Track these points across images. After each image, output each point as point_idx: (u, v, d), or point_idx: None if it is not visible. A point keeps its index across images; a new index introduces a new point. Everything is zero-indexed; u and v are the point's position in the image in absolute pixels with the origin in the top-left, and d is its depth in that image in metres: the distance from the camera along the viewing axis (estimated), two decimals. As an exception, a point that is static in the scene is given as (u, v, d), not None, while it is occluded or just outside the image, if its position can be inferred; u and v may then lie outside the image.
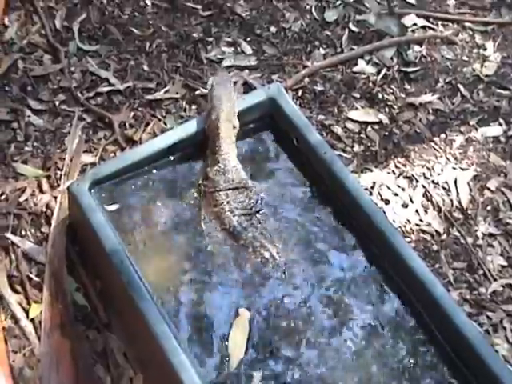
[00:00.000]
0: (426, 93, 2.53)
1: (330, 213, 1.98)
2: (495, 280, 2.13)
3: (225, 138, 1.99)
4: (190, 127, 2.05)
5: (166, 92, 2.41)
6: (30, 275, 1.98)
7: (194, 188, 1.99)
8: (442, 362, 1.80)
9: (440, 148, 2.40)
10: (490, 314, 2.06)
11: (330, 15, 2.67)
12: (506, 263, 2.17)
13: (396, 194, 2.27)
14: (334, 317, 1.83)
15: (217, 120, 2.00)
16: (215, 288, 1.84)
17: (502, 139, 2.46)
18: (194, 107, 2.39)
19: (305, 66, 2.52)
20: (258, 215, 1.95)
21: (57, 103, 2.32)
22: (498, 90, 2.57)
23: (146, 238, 1.88)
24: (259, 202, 1.97)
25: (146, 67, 2.46)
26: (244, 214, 1.94)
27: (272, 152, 2.10)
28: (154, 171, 2.00)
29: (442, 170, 2.35)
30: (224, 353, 1.73)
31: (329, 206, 1.99)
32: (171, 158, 2.03)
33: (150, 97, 2.38)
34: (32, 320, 1.90)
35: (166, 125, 2.33)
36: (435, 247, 2.17)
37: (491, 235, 2.23)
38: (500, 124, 2.49)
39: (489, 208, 2.29)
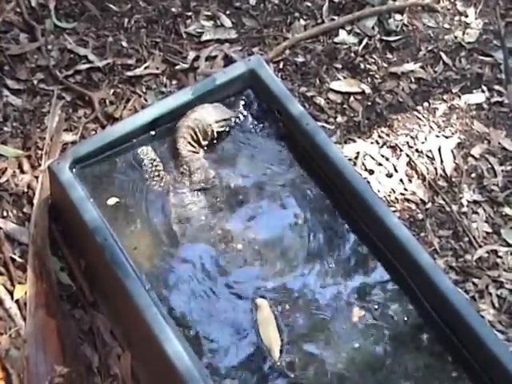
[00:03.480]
0: (408, 61, 2.51)
1: (313, 185, 1.97)
2: (480, 247, 2.13)
3: (183, 149, 1.98)
4: (170, 102, 2.03)
5: (145, 68, 2.38)
6: (14, 256, 1.96)
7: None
8: (428, 329, 1.80)
9: (423, 116, 2.39)
10: (475, 280, 2.06)
11: (310, -15, 2.65)
12: (490, 230, 2.17)
13: (380, 164, 2.26)
14: (322, 287, 1.84)
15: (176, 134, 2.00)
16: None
17: (485, 106, 2.45)
18: (174, 82, 2.37)
19: (285, 38, 2.50)
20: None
21: (35, 82, 2.29)
22: (481, 57, 2.56)
23: (129, 216, 1.87)
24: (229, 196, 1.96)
25: (124, 43, 2.43)
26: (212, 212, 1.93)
27: (254, 125, 2.08)
28: (136, 148, 1.98)
29: (425, 139, 2.34)
30: (259, 346, 1.72)
31: (312, 178, 1.98)
32: (152, 133, 2.01)
33: (129, 73, 2.36)
34: (17, 301, 1.89)
35: (146, 101, 2.30)
36: (420, 216, 2.17)
37: (476, 202, 2.22)
38: (483, 91, 2.48)
39: (473, 175, 2.29)
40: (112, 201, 1.90)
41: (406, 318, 1.81)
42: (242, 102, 2.10)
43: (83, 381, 1.79)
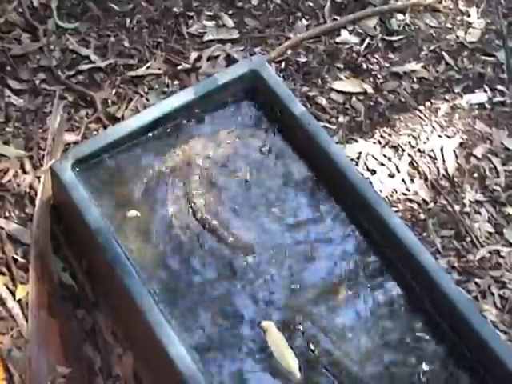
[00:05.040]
0: (410, 61, 2.51)
1: (315, 184, 1.97)
2: (483, 247, 2.13)
3: None
4: (172, 102, 2.03)
5: (147, 68, 2.38)
6: (16, 256, 1.96)
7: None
8: (430, 329, 1.79)
9: (425, 116, 2.39)
10: (478, 280, 2.06)
11: (312, -15, 2.64)
12: (493, 230, 2.17)
13: (382, 164, 2.26)
14: (321, 288, 1.84)
15: None
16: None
17: (488, 106, 2.45)
18: (176, 82, 2.37)
19: (287, 38, 2.49)
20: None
21: (37, 82, 2.29)
22: (483, 57, 2.56)
23: (131, 215, 1.87)
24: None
25: (126, 43, 2.42)
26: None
27: (256, 125, 2.08)
28: (138, 148, 1.98)
29: (427, 139, 2.34)
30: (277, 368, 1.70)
31: (314, 178, 1.98)
32: (155, 133, 2.01)
33: (131, 73, 2.35)
34: (19, 301, 1.88)
35: (148, 101, 2.30)
36: (422, 216, 2.17)
37: (478, 202, 2.22)
38: (485, 91, 2.48)
39: (475, 175, 2.28)
40: (132, 213, 1.89)
41: (408, 320, 1.81)
42: (244, 102, 2.10)
43: (85, 381, 1.79)
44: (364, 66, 2.47)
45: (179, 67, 2.39)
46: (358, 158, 2.25)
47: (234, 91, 2.10)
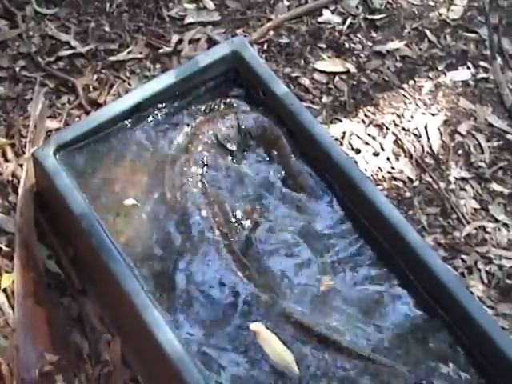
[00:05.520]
0: (392, 40, 2.49)
1: (300, 164, 1.96)
2: (469, 223, 2.13)
3: None
4: (154, 86, 2.02)
5: (128, 52, 2.36)
6: (0, 245, 1.94)
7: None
8: (418, 306, 1.80)
9: (409, 94, 2.38)
10: (464, 256, 2.06)
11: (292, -35, 2.62)
12: (478, 206, 2.17)
13: (367, 143, 2.26)
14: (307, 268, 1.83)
15: None
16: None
17: (471, 83, 2.44)
18: (158, 66, 2.35)
19: (269, 19, 2.47)
20: None
21: (17, 69, 2.26)
22: (465, 34, 2.55)
23: (115, 200, 1.85)
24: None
25: (107, 28, 2.40)
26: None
27: (239, 106, 2.07)
28: (121, 132, 1.96)
29: (411, 117, 2.33)
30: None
31: (298, 158, 1.97)
32: (138, 117, 1.99)
33: (112, 58, 2.33)
34: (4, 290, 1.87)
35: (130, 85, 2.28)
36: (408, 194, 2.17)
37: (463, 179, 2.22)
38: (468, 68, 2.47)
39: (460, 152, 2.28)
40: (129, 201, 1.88)
41: (395, 297, 1.81)
42: (227, 84, 2.09)
43: (73, 368, 1.78)
44: (347, 45, 2.46)
45: (160, 51, 2.37)
46: (343, 138, 2.25)
47: (216, 73, 2.09)
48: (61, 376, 1.76)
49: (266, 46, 2.43)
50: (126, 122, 1.96)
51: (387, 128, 2.29)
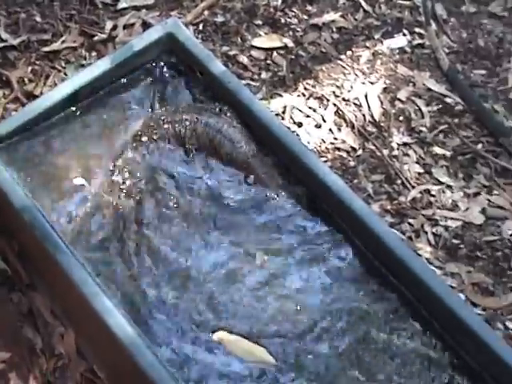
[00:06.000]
0: (328, 12, 2.50)
1: (242, 140, 1.96)
2: (413, 187, 2.15)
3: None
4: (89, 74, 1.99)
5: (62, 42, 2.32)
6: None
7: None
8: (367, 273, 1.81)
9: (347, 65, 2.39)
10: (411, 220, 2.08)
11: None
12: (422, 170, 2.19)
13: (308, 116, 2.26)
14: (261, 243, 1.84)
15: None
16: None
17: (408, 49, 2.46)
18: (94, 54, 2.32)
19: (203, -1, 2.47)
20: None
21: None
22: (400, 1, 2.57)
23: (55, 192, 1.83)
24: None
25: (38, 18, 2.36)
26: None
27: (177, 88, 2.06)
28: (59, 122, 1.93)
29: (351, 87, 2.34)
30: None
31: (240, 135, 1.96)
32: (75, 106, 1.97)
33: (46, 49, 2.30)
34: (-49, 291, 1.85)
35: (66, 75, 2.25)
36: (352, 163, 2.18)
37: (406, 144, 2.24)
38: (404, 35, 2.49)
39: (401, 118, 2.30)
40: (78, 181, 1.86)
41: (345, 265, 1.82)
42: (163, 66, 2.07)
43: (27, 364, 1.77)
44: (282, 20, 2.45)
45: (95, 38, 2.34)
46: (284, 112, 2.25)
47: (152, 56, 2.07)
48: (14, 373, 1.74)
49: (201, 27, 2.41)
50: (63, 111, 1.94)
51: (327, 100, 2.30)
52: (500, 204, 2.15)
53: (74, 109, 1.96)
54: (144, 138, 1.94)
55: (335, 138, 2.22)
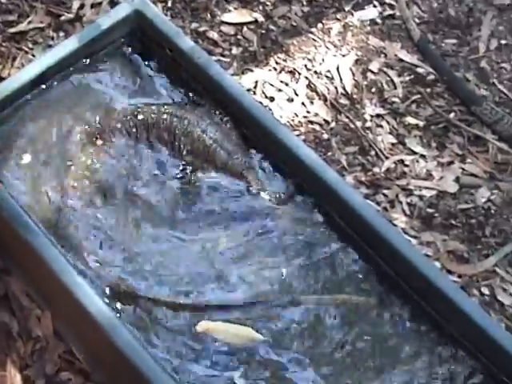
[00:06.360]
0: (297, -15, 2.48)
1: (210, 115, 1.95)
2: (387, 158, 2.15)
3: None
4: (56, 54, 1.96)
5: (29, 23, 2.29)
6: None
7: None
8: (344, 245, 1.81)
9: (318, 38, 2.38)
10: (385, 191, 2.09)
11: None
12: (395, 140, 2.19)
13: (280, 90, 2.25)
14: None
15: None
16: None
17: (379, 21, 2.45)
18: (61, 34, 2.29)
19: (170, -25, 2.44)
20: None
21: None
22: (368, -28, 2.56)
23: (26, 172, 1.81)
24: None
25: (2, -1, 2.33)
26: None
27: (147, 66, 2.03)
28: (25, 104, 1.91)
29: (323, 60, 2.33)
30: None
31: (211, 110, 1.95)
32: (43, 87, 1.94)
33: (12, 30, 2.26)
34: None
35: (34, 57, 2.22)
36: (325, 136, 2.17)
37: (379, 116, 2.24)
38: (375, 6, 2.48)
39: (373, 90, 2.29)
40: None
41: (321, 238, 1.82)
42: (132, 44, 2.05)
43: (4, 348, 1.75)
44: (252, -6, 2.44)
45: (62, 18, 2.31)
46: (255, 87, 2.23)
47: (120, 34, 2.04)
48: (-9, 358, 1.73)
49: (170, 4, 2.39)
50: (30, 92, 1.91)
51: (299, 73, 2.29)
52: (473, 172, 2.16)
53: (41, 89, 1.94)
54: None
55: (308, 112, 2.21)
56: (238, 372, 1.62)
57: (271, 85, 2.25)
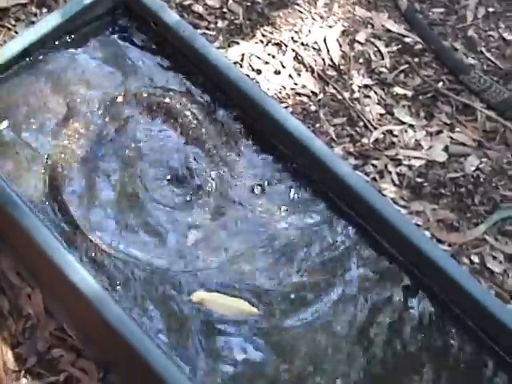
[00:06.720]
0: (282, -44, 2.46)
1: (199, 90, 1.93)
2: (376, 129, 2.14)
3: None
4: (39, 29, 1.94)
5: (11, -2, 2.26)
6: None
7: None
8: (332, 214, 1.81)
9: (305, 9, 2.36)
10: (374, 162, 2.08)
11: None
12: (383, 111, 2.18)
13: (267, 63, 2.23)
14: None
15: None
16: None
17: (365, -9, 2.44)
18: (44, 10, 2.26)
19: (154, -51, 2.40)
20: None
21: None
22: None
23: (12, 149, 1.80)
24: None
25: (-16, -24, 2.29)
26: None
27: (131, 40, 2.01)
28: (9, 79, 1.89)
29: (309, 31, 2.31)
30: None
31: (197, 83, 1.94)
32: (25, 63, 1.92)
33: (-6, 7, 2.24)
34: None
35: (17, 33, 2.19)
36: (313, 107, 2.16)
37: (366, 86, 2.23)
38: (361, -24, 2.46)
39: (361, 60, 2.28)
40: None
41: (310, 209, 1.82)
42: (118, 19, 2.03)
43: (-5, 327, 1.75)
44: (236, -34, 2.41)
45: (45, -7, 2.28)
46: (242, 60, 2.21)
47: (104, 9, 2.02)
48: (-19, 338, 1.73)
49: (154, -23, 2.36)
50: (13, 67, 1.89)
51: (286, 45, 2.27)
52: (462, 141, 2.15)
53: (23, 66, 1.92)
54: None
55: (295, 84, 2.20)
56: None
57: (258, 57, 2.23)
